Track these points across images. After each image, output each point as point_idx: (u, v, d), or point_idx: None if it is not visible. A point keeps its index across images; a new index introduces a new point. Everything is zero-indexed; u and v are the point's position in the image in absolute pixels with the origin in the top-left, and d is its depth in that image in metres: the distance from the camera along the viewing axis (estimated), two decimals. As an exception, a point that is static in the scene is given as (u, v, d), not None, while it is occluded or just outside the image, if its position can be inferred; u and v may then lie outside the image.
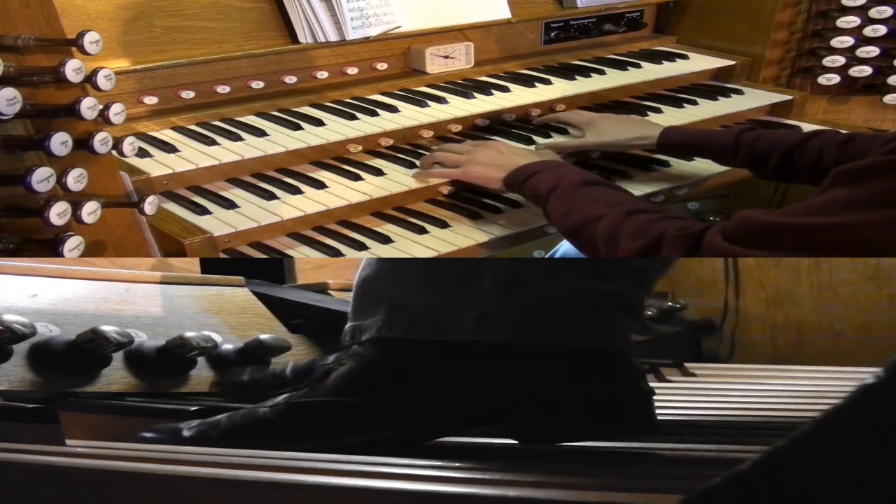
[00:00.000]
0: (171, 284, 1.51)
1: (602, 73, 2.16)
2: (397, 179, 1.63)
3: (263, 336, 1.40)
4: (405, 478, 0.75)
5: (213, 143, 1.63)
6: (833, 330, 2.15)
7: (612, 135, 1.77)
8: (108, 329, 1.21)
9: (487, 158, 1.57)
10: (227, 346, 1.38)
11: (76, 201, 1.14)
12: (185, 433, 1.05)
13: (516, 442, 1.03)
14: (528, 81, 2.04)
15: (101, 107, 1.18)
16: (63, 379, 1.20)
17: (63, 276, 1.38)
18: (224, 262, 1.46)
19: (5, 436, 0.93)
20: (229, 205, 1.50)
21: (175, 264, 1.66)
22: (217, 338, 1.37)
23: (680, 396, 1.54)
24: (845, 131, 1.64)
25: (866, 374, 0.50)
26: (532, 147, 1.77)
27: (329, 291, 1.80)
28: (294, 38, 1.85)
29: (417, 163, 1.69)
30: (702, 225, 1.16)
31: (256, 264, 1.64)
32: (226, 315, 1.49)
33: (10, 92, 1.06)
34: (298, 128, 1.72)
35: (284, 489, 0.72)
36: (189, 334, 1.30)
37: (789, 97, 2.19)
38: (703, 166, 1.81)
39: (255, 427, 1.03)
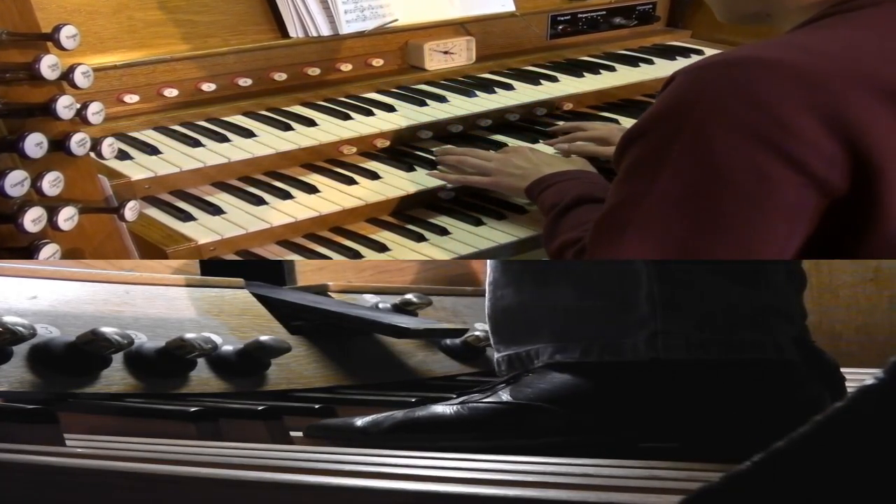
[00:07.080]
0: (171, 286, 1.55)
1: (612, 69, 2.16)
2: (394, 183, 1.63)
3: (263, 337, 1.48)
4: (405, 478, 0.77)
5: (197, 144, 1.63)
6: (833, 332, 2.19)
7: None
8: (108, 330, 1.26)
9: (516, 168, 1.57)
10: (227, 348, 1.45)
11: (52, 206, 1.14)
12: (358, 423, 1.15)
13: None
14: (533, 79, 2.05)
15: (78, 106, 1.19)
16: (63, 380, 1.24)
17: (63, 278, 1.42)
18: (224, 264, 1.48)
19: (5, 436, 0.96)
20: (215, 210, 1.50)
21: (175, 266, 1.68)
22: (217, 339, 1.42)
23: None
24: None
25: (866, 376, 0.51)
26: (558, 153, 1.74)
27: (329, 293, 1.82)
28: (284, 32, 1.86)
29: (436, 160, 1.69)
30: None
31: (256, 266, 1.67)
32: (226, 316, 1.54)
33: (-19, 90, 1.08)
34: (289, 128, 1.73)
35: (284, 489, 0.74)
36: (189, 336, 1.36)
37: (811, 95, 2.19)
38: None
39: (437, 423, 1.11)
